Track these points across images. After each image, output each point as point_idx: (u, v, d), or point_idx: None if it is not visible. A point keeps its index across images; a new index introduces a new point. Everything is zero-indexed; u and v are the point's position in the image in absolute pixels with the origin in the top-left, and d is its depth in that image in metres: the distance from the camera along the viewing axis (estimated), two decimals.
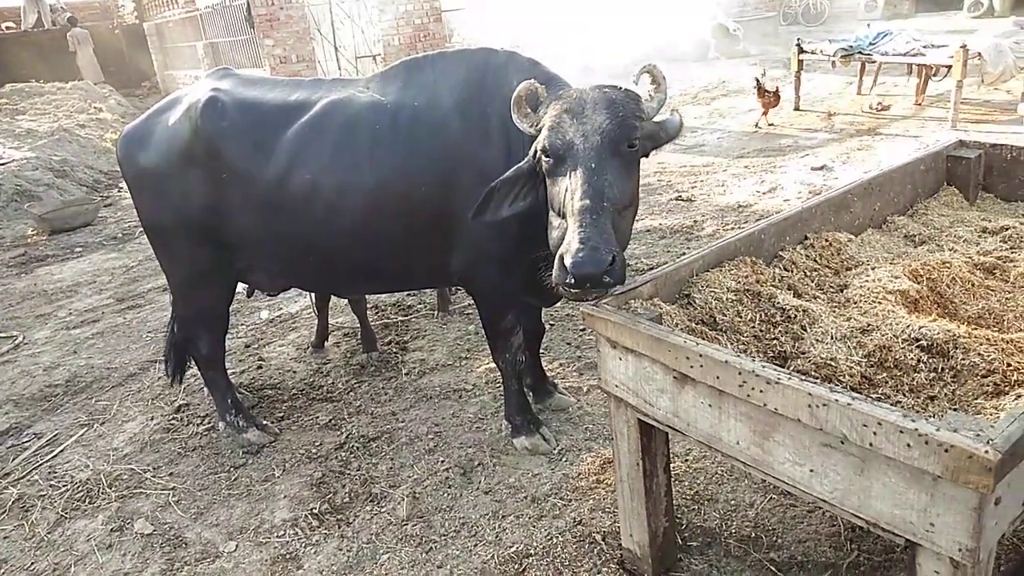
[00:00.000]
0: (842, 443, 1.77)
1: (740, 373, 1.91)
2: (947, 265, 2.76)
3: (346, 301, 5.25)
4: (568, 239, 2.23)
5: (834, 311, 2.56)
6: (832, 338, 2.38)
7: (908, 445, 1.60)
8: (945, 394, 2.19)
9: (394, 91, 3.18)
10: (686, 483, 3.06)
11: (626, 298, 2.39)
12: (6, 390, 4.73)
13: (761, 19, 18.79)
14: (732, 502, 2.93)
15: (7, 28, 20.07)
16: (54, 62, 17.88)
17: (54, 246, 7.89)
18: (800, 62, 10.35)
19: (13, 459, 3.91)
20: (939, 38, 10.19)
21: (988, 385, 2.12)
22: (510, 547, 2.84)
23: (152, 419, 4.16)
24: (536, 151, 2.53)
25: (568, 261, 2.17)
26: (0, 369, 5.05)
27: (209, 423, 4.02)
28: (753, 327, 2.48)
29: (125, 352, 5.10)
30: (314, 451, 3.66)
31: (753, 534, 2.75)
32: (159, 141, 3.33)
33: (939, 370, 2.25)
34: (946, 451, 1.54)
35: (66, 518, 3.36)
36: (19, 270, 7.28)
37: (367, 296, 4.72)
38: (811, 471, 1.88)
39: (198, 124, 3.20)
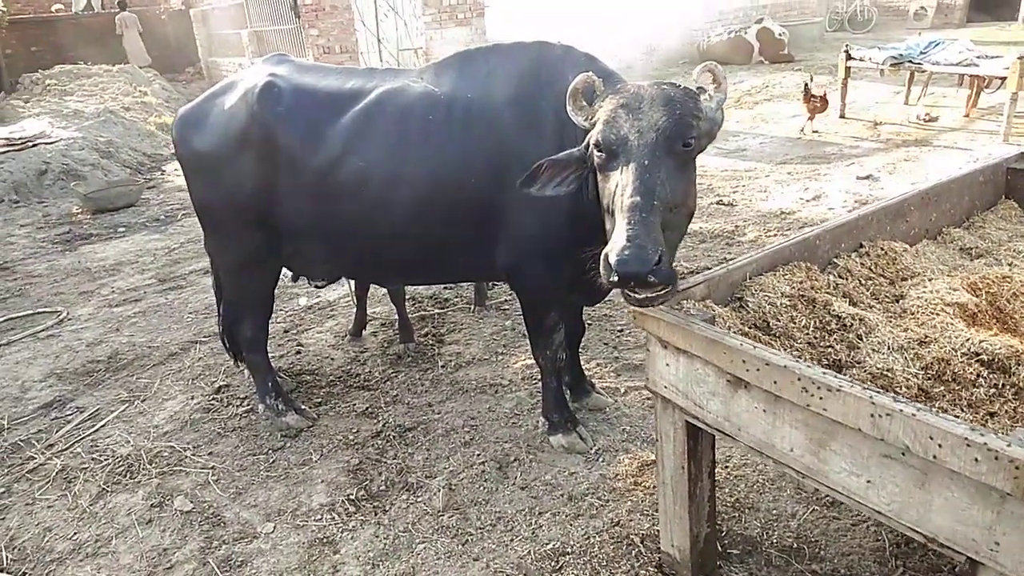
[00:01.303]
0: (903, 455, 1.73)
1: (800, 379, 1.87)
2: (1008, 280, 2.69)
3: (384, 291, 5.29)
4: (614, 236, 2.18)
5: (890, 321, 2.50)
6: (889, 348, 2.33)
7: (976, 460, 1.56)
8: (1006, 411, 2.13)
9: (448, 82, 3.17)
10: (726, 490, 3.02)
11: (678, 299, 2.37)
12: (50, 363, 4.83)
13: (807, 24, 18.53)
14: (774, 511, 2.88)
15: (57, 11, 20.50)
16: (102, 45, 18.20)
17: (98, 225, 8.04)
18: (848, 69, 10.19)
19: (56, 431, 3.99)
20: (992, 49, 9.97)
21: None
22: (547, 544, 2.83)
23: (192, 399, 4.21)
24: (588, 144, 2.50)
25: (613, 259, 2.10)
26: (44, 343, 5.16)
27: (248, 405, 4.06)
28: (807, 334, 2.44)
29: (166, 332, 5.18)
30: (351, 438, 3.68)
31: (795, 545, 2.70)
32: (215, 124, 3.37)
33: (999, 386, 2.19)
34: (1017, 468, 1.49)
35: (107, 491, 3.42)
36: (64, 247, 7.43)
37: (405, 288, 4.73)
38: (868, 482, 1.84)
39: (255, 108, 3.23)
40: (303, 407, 3.93)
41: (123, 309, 5.66)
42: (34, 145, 9.77)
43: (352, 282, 4.69)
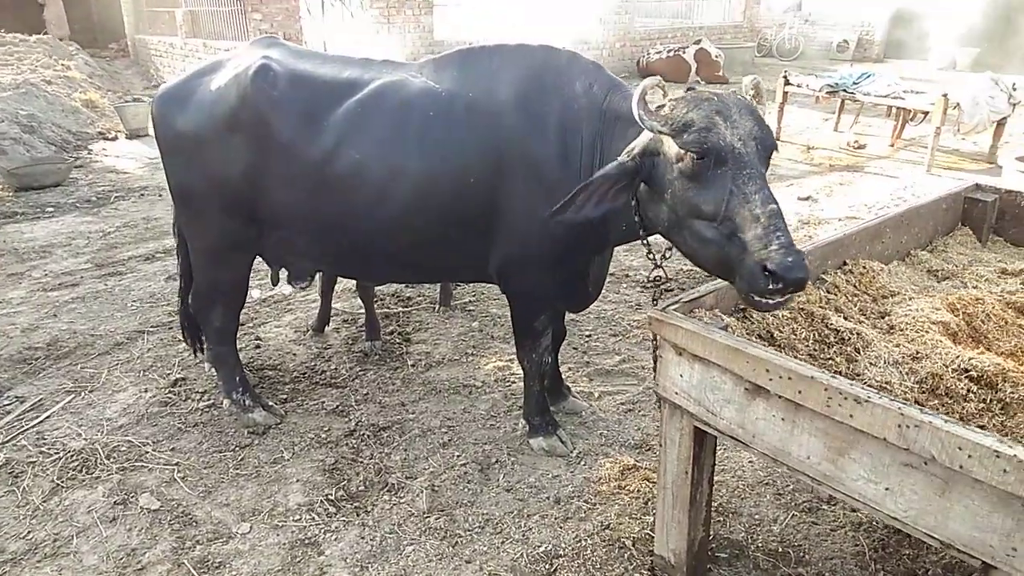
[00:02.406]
0: (926, 464, 1.82)
1: (826, 389, 1.94)
2: (981, 301, 2.86)
3: (344, 286, 5.18)
4: (761, 244, 2.14)
5: (882, 336, 2.63)
6: (885, 363, 2.44)
7: (1004, 470, 1.65)
8: (994, 425, 2.27)
9: (448, 79, 3.12)
10: None
11: (690, 306, 2.42)
12: None
13: (739, 48, 19.24)
14: (756, 516, 2.98)
15: None
16: (16, 13, 17.10)
17: (23, 203, 7.52)
18: (785, 94, 10.64)
19: None
20: (909, 84, 10.61)
21: None
22: (538, 547, 2.83)
23: (146, 391, 4.00)
24: (650, 151, 2.46)
25: (775, 266, 2.08)
26: None
27: (209, 399, 3.89)
28: (808, 346, 2.53)
29: (110, 319, 4.90)
30: (323, 436, 3.58)
31: (780, 549, 2.80)
32: (201, 104, 3.21)
33: (988, 401, 2.33)
34: None
35: (62, 487, 3.20)
36: None
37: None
38: (886, 489, 1.93)
39: (248, 90, 3.09)
40: (270, 403, 3.79)
41: (59, 294, 5.32)
42: None
43: (319, 276, 4.56)
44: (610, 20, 16.85)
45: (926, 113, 9.35)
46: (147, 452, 3.45)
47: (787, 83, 10.60)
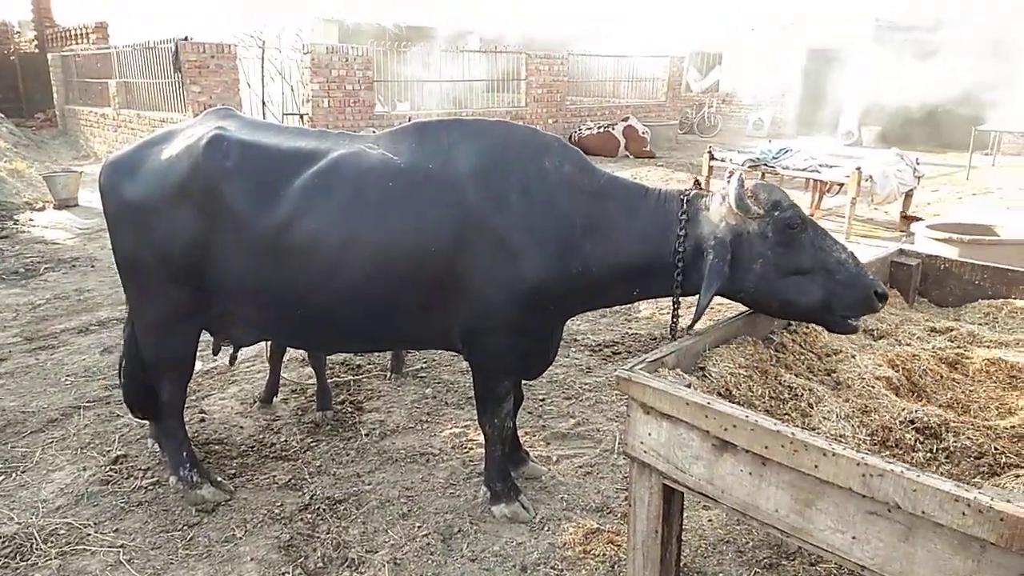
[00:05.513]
0: (889, 511, 1.91)
1: (792, 442, 2.03)
2: (917, 357, 3.05)
3: (292, 357, 5.09)
4: (864, 277, 2.85)
5: (832, 392, 2.76)
6: (837, 416, 2.57)
7: (963, 513, 1.76)
8: (942, 473, 2.39)
9: (407, 151, 3.19)
10: None
11: (654, 366, 2.50)
12: None
13: (664, 125, 20.21)
14: (719, 575, 3.01)
15: None
16: None
17: None
18: (711, 168, 11.21)
19: None
20: (825, 159, 11.34)
21: (983, 466, 2.35)
22: None
23: (85, 470, 3.80)
24: (734, 234, 2.83)
25: (882, 289, 2.87)
26: None
27: (153, 477, 3.72)
28: (764, 402, 2.64)
29: (42, 395, 4.67)
30: (276, 512, 3.47)
31: None
32: (150, 173, 3.19)
33: (934, 451, 2.47)
34: (1002, 519, 1.70)
35: None
36: None
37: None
38: (853, 538, 2.00)
39: (199, 160, 3.10)
40: (219, 479, 3.66)
41: None
42: None
43: (268, 346, 4.48)
44: (543, 98, 17.52)
45: (841, 185, 10.01)
46: (89, 535, 3.26)
47: (712, 158, 11.19)
